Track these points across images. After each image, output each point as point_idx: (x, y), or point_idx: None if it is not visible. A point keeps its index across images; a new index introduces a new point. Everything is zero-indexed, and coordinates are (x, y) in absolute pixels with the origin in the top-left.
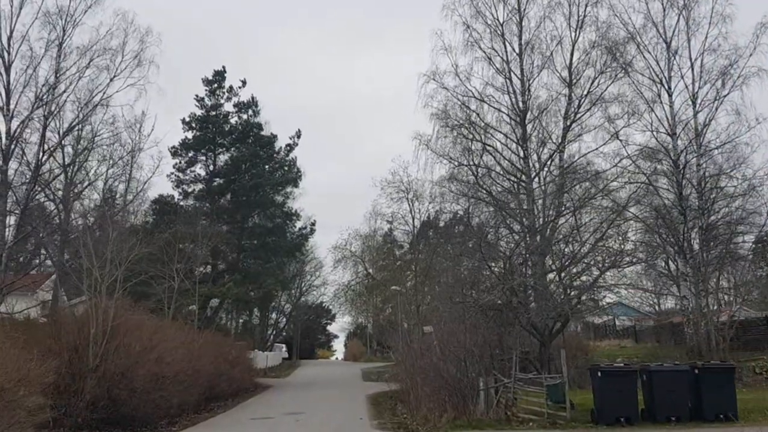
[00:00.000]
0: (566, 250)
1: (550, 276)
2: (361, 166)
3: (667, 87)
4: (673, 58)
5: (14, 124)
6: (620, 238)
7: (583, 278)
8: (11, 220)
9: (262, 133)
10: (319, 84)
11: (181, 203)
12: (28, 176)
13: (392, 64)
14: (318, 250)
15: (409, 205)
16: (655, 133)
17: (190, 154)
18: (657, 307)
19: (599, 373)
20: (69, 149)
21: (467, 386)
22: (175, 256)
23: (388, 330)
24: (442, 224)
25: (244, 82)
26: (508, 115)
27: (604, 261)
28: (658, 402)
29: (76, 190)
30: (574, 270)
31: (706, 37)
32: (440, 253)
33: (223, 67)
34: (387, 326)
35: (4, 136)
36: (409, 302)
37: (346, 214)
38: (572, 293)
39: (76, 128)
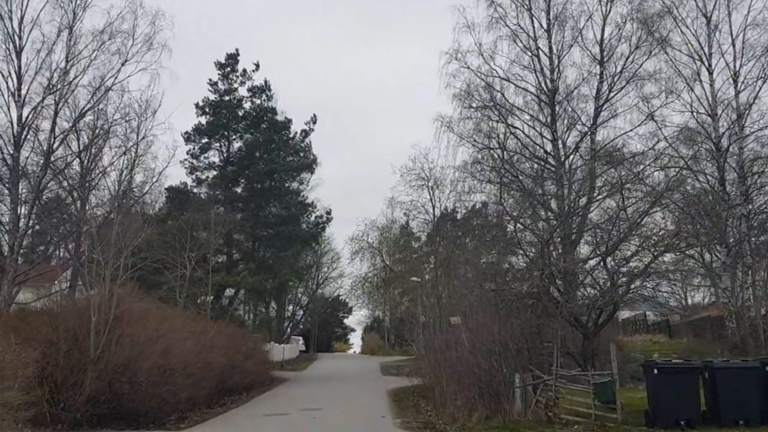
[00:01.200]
0: (613, 232)
1: (592, 263)
2: (374, 158)
3: (707, 64)
4: (713, 33)
5: (26, 111)
6: (665, 222)
7: (633, 264)
8: (24, 209)
9: (276, 118)
10: (331, 76)
11: (195, 190)
12: (41, 164)
13: (403, 54)
14: (335, 242)
15: (429, 193)
16: (694, 113)
17: (203, 140)
18: (684, 301)
19: (655, 370)
20: (84, 136)
21: (501, 383)
22: (187, 244)
23: (408, 322)
24: (459, 216)
25: (257, 66)
26: (536, 95)
27: (657, 244)
28: (722, 403)
29: (91, 180)
30: (621, 254)
31: (749, 11)
32: (459, 246)
33: (236, 50)
34: (407, 318)
35: (15, 122)
36: (429, 294)
37: (361, 208)
38: (621, 279)
39: (89, 114)
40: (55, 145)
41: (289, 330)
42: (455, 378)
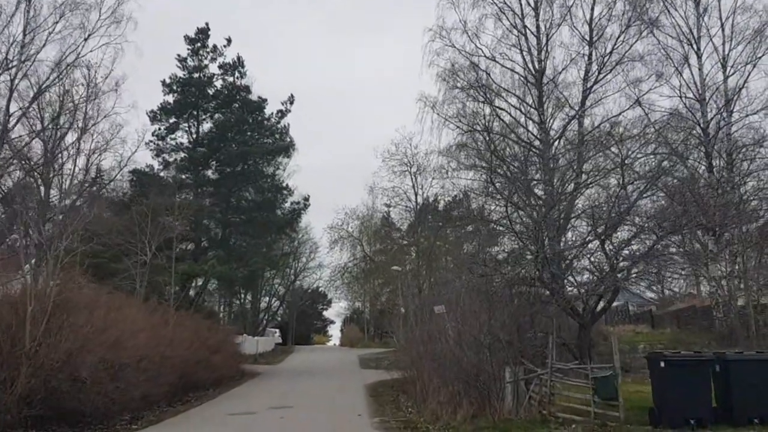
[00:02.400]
0: (612, 212)
1: (589, 246)
2: (356, 153)
3: (695, 47)
4: (701, 16)
5: None
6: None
7: (635, 246)
8: None
9: (250, 97)
10: (309, 67)
11: (162, 174)
12: None
13: (387, 48)
14: (313, 231)
15: (412, 180)
16: (683, 98)
17: (171, 120)
18: (661, 292)
19: (662, 363)
20: (47, 117)
21: (490, 378)
22: (147, 228)
23: (388, 314)
24: (441, 207)
25: (229, 41)
26: (522, 76)
27: (662, 224)
28: (737, 399)
29: (54, 160)
30: (620, 237)
31: None
32: (440, 236)
33: (207, 24)
34: (388, 309)
35: None
36: (410, 284)
37: (342, 200)
38: (620, 263)
39: (48, 91)
40: (11, 124)
41: (265, 322)
42: (438, 372)
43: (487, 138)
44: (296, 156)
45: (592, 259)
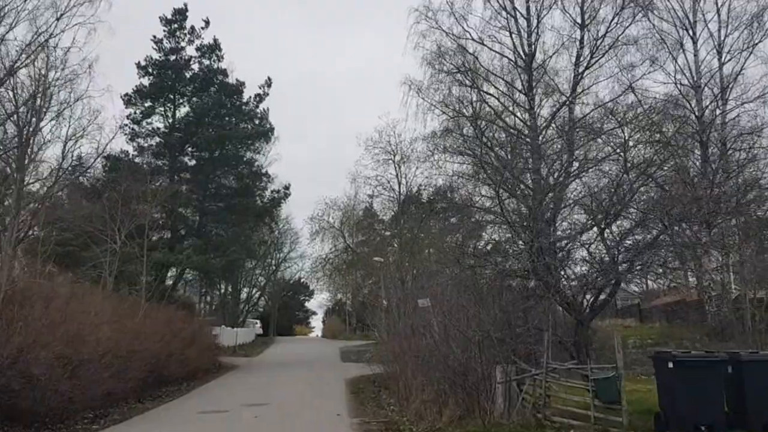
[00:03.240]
0: (614, 199)
1: (586, 236)
2: (338, 146)
3: (691, 32)
4: (697, 0)
5: None
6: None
7: (638, 236)
8: None
9: (228, 80)
10: (288, 58)
11: (137, 160)
12: None
13: (368, 39)
14: (294, 221)
15: (395, 169)
16: (678, 85)
17: (146, 104)
18: (645, 285)
19: (670, 364)
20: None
21: (479, 377)
22: (117, 215)
23: (370, 306)
24: (425, 198)
25: (207, 23)
26: (512, 60)
27: (668, 212)
28: (751, 403)
29: (30, 151)
30: (622, 225)
31: None
32: (423, 228)
33: (185, 4)
34: (369, 302)
35: None
36: (393, 276)
37: (323, 191)
38: (621, 255)
39: (18, 73)
40: None
41: (245, 313)
42: (422, 368)
43: (475, 124)
44: (276, 145)
45: (591, 249)
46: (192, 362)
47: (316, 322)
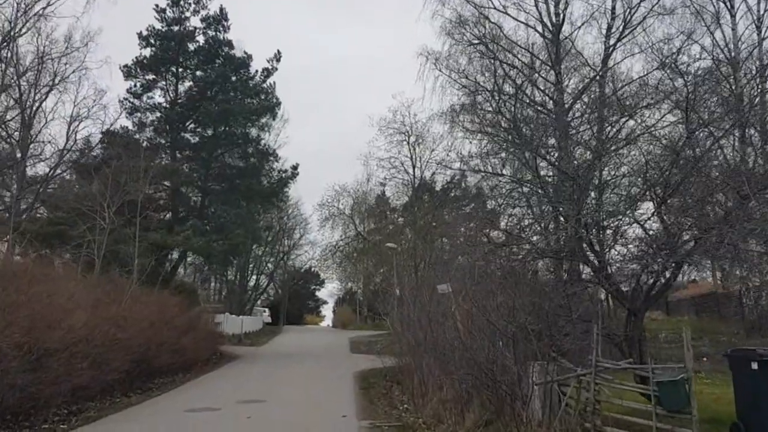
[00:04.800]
0: (675, 168)
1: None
2: (343, 130)
3: (729, 5)
4: None
5: None
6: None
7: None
8: None
9: (233, 52)
10: (297, 43)
11: (137, 136)
12: None
13: (376, 25)
14: (303, 207)
15: (410, 150)
16: (714, 61)
17: (147, 77)
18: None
19: (754, 364)
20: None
21: (513, 376)
22: (107, 191)
23: (383, 294)
24: (438, 187)
25: None
26: (539, 31)
27: (748, 179)
28: None
29: (32, 128)
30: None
31: None
32: (436, 218)
33: None
34: (382, 290)
35: None
36: (406, 263)
37: (332, 179)
38: (684, 233)
39: (17, 42)
40: None
41: (252, 300)
42: (441, 363)
43: (497, 98)
44: (286, 129)
45: (646, 226)
46: (188, 352)
47: (327, 312)
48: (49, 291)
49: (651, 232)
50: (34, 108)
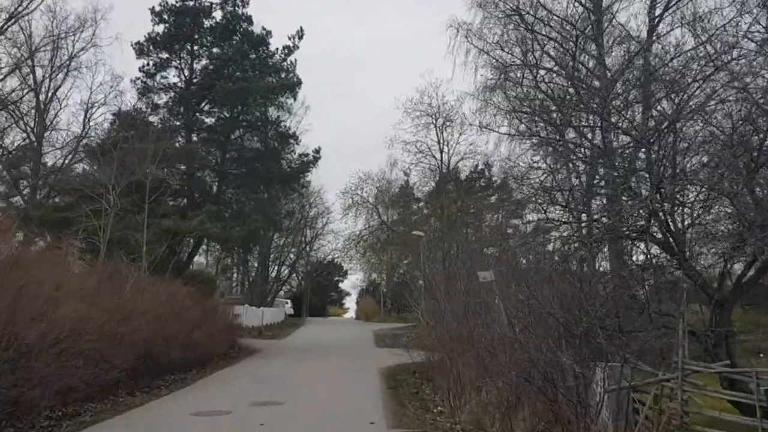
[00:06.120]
0: None
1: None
2: (365, 117)
3: None
4: None
5: None
6: None
7: None
8: None
9: (252, 29)
10: (319, 30)
11: (151, 119)
12: None
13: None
14: (326, 195)
15: (437, 133)
16: None
17: (161, 56)
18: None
19: None
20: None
21: (578, 381)
22: (113, 171)
23: (409, 285)
24: (463, 177)
25: None
26: (581, 1)
27: None
28: None
29: (47, 114)
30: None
31: None
32: (462, 207)
33: None
34: (406, 280)
35: None
36: (433, 250)
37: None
38: None
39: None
40: None
41: (273, 292)
42: (480, 360)
43: (535, 74)
44: (307, 116)
45: (735, 203)
46: (202, 346)
47: (350, 303)
48: (36, 279)
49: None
50: (49, 94)
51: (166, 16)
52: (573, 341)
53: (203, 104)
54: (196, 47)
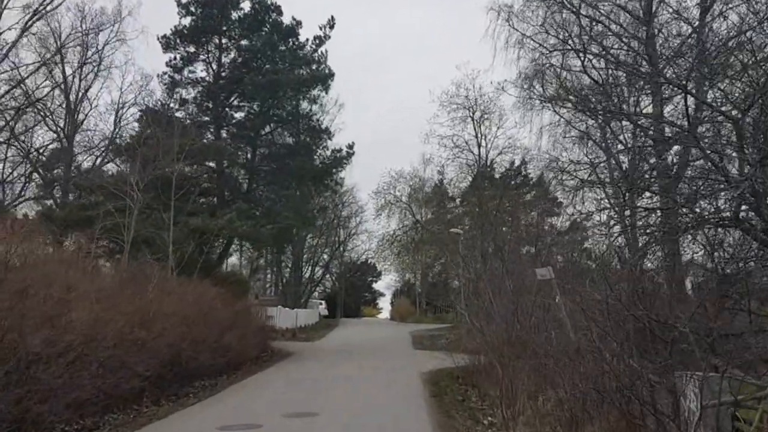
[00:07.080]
0: None
1: None
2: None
3: None
4: None
5: None
6: None
7: None
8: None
9: (281, 19)
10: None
11: (178, 115)
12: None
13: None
14: (359, 194)
15: (474, 127)
16: None
17: (188, 50)
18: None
19: None
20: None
21: (667, 395)
22: (136, 165)
23: (447, 284)
24: (498, 175)
25: None
26: None
27: None
28: None
29: (77, 115)
30: None
31: None
32: (497, 206)
33: None
34: (444, 280)
35: None
36: (470, 252)
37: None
38: None
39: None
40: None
41: (308, 293)
42: (536, 366)
43: (582, 59)
44: (341, 114)
45: None
46: (233, 350)
47: (384, 304)
48: (47, 281)
49: None
50: (80, 95)
51: (192, 8)
52: (659, 348)
53: (232, 98)
54: (224, 40)
